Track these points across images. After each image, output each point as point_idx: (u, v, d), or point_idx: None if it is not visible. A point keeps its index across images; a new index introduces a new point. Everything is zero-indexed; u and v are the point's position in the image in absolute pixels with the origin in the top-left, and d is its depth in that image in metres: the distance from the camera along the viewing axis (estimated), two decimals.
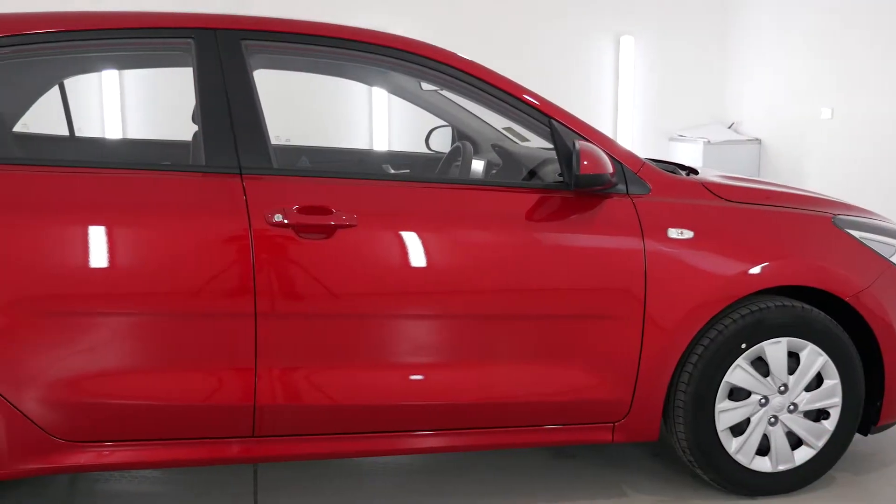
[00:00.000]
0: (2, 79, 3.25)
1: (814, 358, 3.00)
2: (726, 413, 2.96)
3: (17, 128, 3.57)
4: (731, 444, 2.99)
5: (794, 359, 3.00)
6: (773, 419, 3.01)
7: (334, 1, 7.18)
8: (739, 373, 2.95)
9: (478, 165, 3.60)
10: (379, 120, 7.68)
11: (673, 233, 2.88)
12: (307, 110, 7.03)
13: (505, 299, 2.81)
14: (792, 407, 3.01)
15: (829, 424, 3.07)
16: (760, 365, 2.98)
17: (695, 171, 3.37)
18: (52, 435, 2.60)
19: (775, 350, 2.96)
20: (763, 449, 3.04)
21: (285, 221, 2.63)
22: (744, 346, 2.93)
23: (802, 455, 3.07)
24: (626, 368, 2.89)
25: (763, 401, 2.99)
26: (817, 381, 3.04)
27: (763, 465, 3.04)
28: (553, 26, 8.12)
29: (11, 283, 2.50)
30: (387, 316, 2.77)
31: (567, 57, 8.19)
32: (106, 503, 3.06)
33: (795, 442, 3.07)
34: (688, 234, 2.89)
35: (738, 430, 3.00)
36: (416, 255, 2.75)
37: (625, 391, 2.91)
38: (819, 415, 3.07)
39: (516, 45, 7.83)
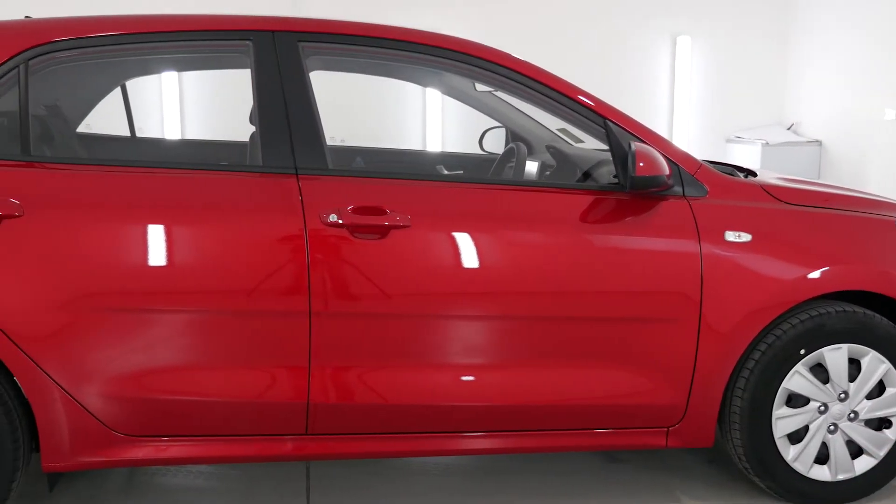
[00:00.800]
0: (67, 81, 3.34)
1: (876, 365, 2.92)
2: (784, 420, 2.91)
3: (81, 128, 3.66)
4: (789, 452, 2.93)
5: (854, 366, 2.93)
6: (832, 427, 2.94)
7: (389, 3, 7.23)
8: (798, 379, 2.89)
9: (532, 167, 3.58)
10: (432, 121, 7.70)
11: (730, 236, 2.84)
12: (362, 111, 7.08)
13: (558, 301, 2.79)
14: (852, 415, 2.94)
15: (892, 434, 2.99)
16: (820, 371, 2.92)
17: (753, 174, 3.32)
18: (111, 429, 2.65)
19: (835, 356, 2.90)
20: (822, 457, 2.97)
21: (340, 221, 2.65)
22: (803, 351, 2.87)
23: (863, 465, 3.00)
24: (681, 373, 2.85)
25: (822, 408, 2.93)
26: (879, 388, 2.96)
27: (822, 473, 2.97)
28: (609, 27, 8.05)
29: (74, 279, 2.56)
30: (439, 316, 2.77)
31: (622, 57, 8.12)
32: (161, 497, 3.11)
33: (856, 451, 2.99)
34: (746, 237, 2.84)
35: (796, 437, 2.94)
36: (470, 257, 2.75)
37: (679, 396, 2.87)
38: (881, 423, 2.99)
39: (571, 46, 7.78)
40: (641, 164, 2.70)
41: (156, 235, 2.62)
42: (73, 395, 2.60)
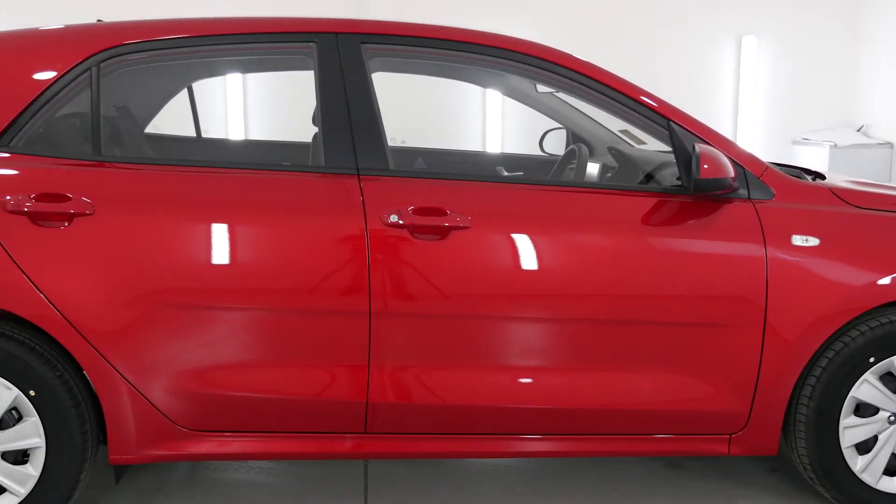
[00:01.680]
0: (136, 82, 3.42)
1: None
2: (852, 430, 2.83)
3: (149, 129, 3.75)
4: (857, 463, 2.86)
5: None
6: None
7: (451, 4, 7.24)
8: (867, 388, 2.82)
9: (593, 168, 3.55)
10: (492, 122, 7.69)
11: (797, 240, 2.77)
12: (422, 112, 7.10)
13: (619, 305, 2.77)
14: None
15: None
16: (890, 380, 2.84)
17: (821, 176, 3.24)
18: (175, 423, 2.71)
19: None
20: (891, 469, 2.89)
21: (400, 222, 2.67)
22: (872, 359, 2.80)
23: None
24: (745, 379, 2.80)
25: (892, 418, 2.84)
26: None
27: (891, 485, 2.89)
28: (672, 27, 7.95)
29: (141, 276, 2.62)
30: (498, 318, 2.77)
31: (686, 58, 8.00)
32: (222, 492, 3.17)
33: None
34: (813, 241, 2.78)
35: (864, 447, 2.86)
36: (529, 258, 2.74)
37: (742, 403, 2.82)
38: None
39: (633, 47, 7.70)
40: (706, 167, 2.66)
41: (220, 234, 2.66)
42: (139, 389, 2.66)
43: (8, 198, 2.59)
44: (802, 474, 2.99)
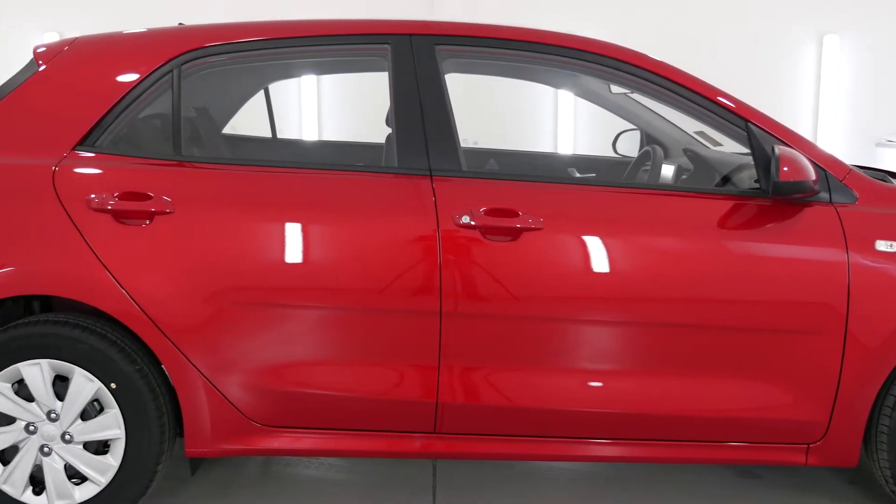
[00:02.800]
0: (215, 84, 3.50)
1: None
2: None
3: (226, 129, 3.83)
4: None
5: None
6: None
7: (525, 4, 7.22)
8: None
9: (668, 170, 3.50)
10: (564, 123, 7.64)
11: (882, 245, 2.69)
12: (494, 113, 7.09)
13: (693, 309, 2.72)
14: None
15: None
16: None
17: None
18: (249, 419, 2.76)
19: None
20: None
21: (472, 223, 2.67)
22: None
23: None
24: (824, 388, 2.72)
25: None
26: None
27: None
28: (749, 26, 7.77)
29: (217, 274, 2.68)
30: (569, 320, 2.75)
31: (764, 58, 7.82)
32: (293, 487, 3.22)
33: None
34: None
35: None
36: (601, 261, 2.71)
37: (821, 412, 2.74)
38: None
39: (709, 46, 7.55)
40: (786, 169, 2.60)
41: (294, 233, 2.71)
42: (215, 384, 2.72)
43: (92, 196, 2.68)
44: (884, 487, 2.89)
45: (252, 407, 2.75)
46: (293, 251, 2.71)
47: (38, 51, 2.93)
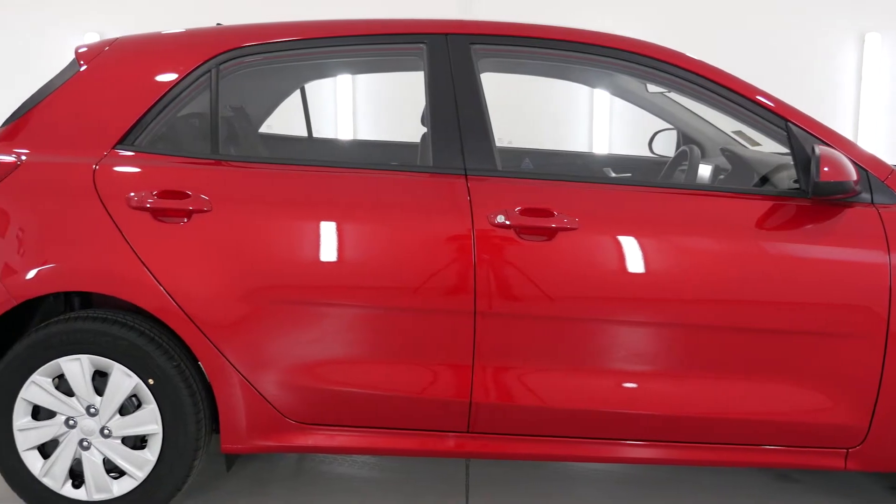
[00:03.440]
0: (252, 84, 3.53)
1: None
2: None
3: (262, 129, 3.86)
4: None
5: None
6: None
7: (561, 3, 7.18)
8: None
9: (705, 170, 3.46)
10: (600, 122, 7.60)
11: None
12: (529, 112, 7.08)
13: (730, 311, 2.69)
14: None
15: None
16: None
17: None
18: (284, 416, 2.78)
19: None
20: None
21: (507, 223, 2.66)
22: None
23: None
24: (864, 392, 2.67)
25: None
26: None
27: None
28: (790, 24, 7.67)
29: (253, 272, 2.70)
30: (604, 321, 2.73)
31: (804, 56, 7.71)
32: (327, 484, 3.23)
33: None
34: None
35: None
36: (637, 262, 2.69)
37: (861, 416, 2.70)
38: None
39: (748, 45, 7.47)
40: (826, 169, 2.56)
41: (329, 232, 2.72)
42: (250, 381, 2.74)
43: (132, 194, 2.71)
44: None
45: (287, 404, 2.77)
46: (328, 250, 2.72)
47: (80, 51, 2.98)
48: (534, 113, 7.28)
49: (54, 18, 6.80)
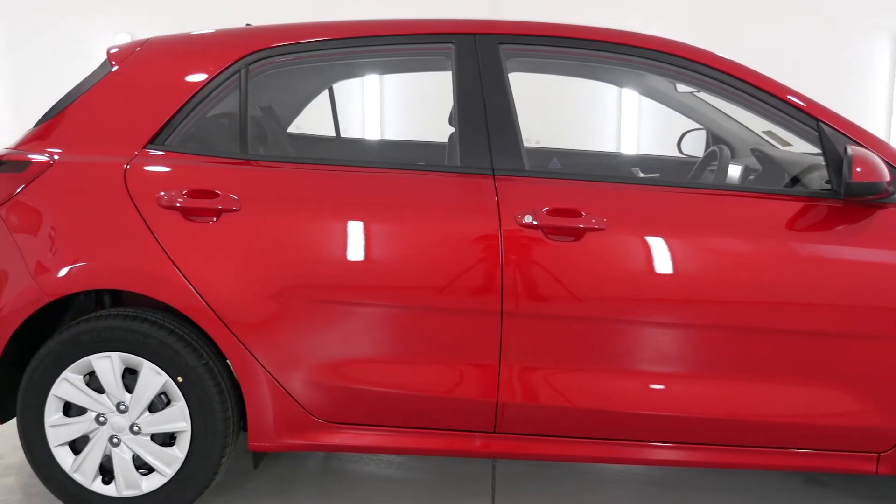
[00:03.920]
0: (281, 84, 3.55)
1: None
2: None
3: (290, 128, 3.88)
4: None
5: None
6: None
7: (589, 3, 7.16)
8: None
9: (734, 171, 3.43)
10: (628, 122, 7.56)
11: None
12: (557, 112, 7.06)
13: (760, 312, 2.66)
14: None
15: None
16: None
17: None
18: (311, 414, 2.79)
19: None
20: None
21: (534, 223, 2.66)
22: None
23: None
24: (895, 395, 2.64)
25: None
26: None
27: None
28: (821, 23, 7.59)
29: (281, 271, 2.71)
30: (632, 322, 2.71)
31: (835, 55, 7.62)
32: (353, 483, 3.24)
33: None
34: None
35: None
36: (665, 262, 2.67)
37: (893, 419, 2.66)
38: None
39: (779, 44, 7.40)
40: (859, 170, 2.53)
41: (357, 231, 2.73)
42: (278, 379, 2.76)
43: (162, 194, 2.74)
44: None
45: (314, 403, 2.79)
46: (356, 249, 2.73)
47: (112, 52, 3.01)
48: (562, 113, 7.26)
49: (86, 20, 6.89)
